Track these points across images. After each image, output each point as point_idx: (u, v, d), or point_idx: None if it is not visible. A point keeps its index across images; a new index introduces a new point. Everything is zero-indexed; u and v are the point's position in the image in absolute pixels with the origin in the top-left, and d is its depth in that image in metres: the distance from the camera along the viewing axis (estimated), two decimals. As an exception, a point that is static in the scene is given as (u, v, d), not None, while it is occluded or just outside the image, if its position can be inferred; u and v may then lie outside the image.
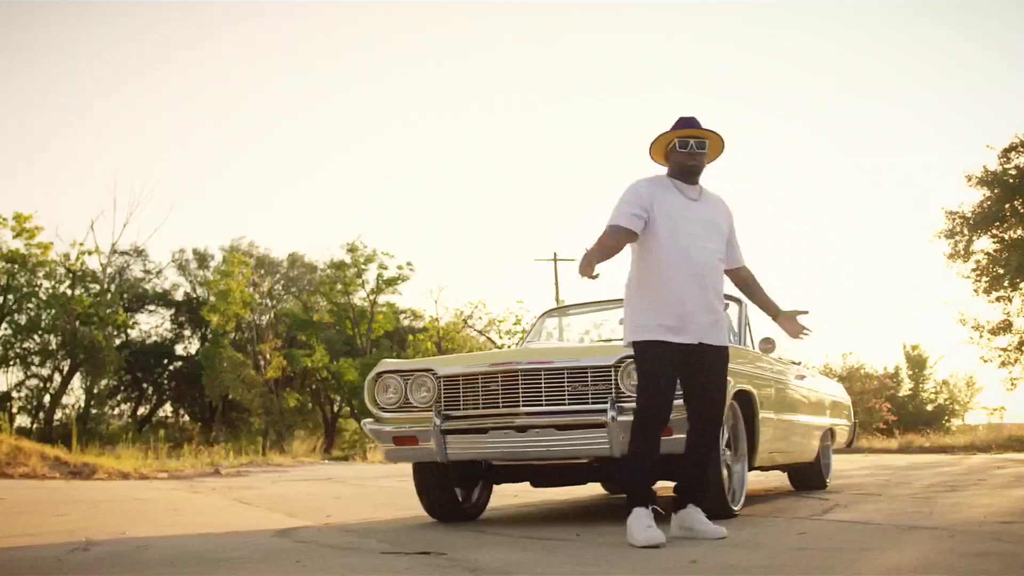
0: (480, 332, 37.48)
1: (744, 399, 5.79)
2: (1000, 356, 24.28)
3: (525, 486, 6.20)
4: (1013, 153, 21.67)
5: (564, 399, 5.26)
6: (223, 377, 34.36)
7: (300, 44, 49.56)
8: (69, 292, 33.42)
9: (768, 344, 6.80)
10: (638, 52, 50.05)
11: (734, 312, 6.76)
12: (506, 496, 8.28)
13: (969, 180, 22.41)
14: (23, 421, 34.00)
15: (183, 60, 48.15)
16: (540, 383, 5.29)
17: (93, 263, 34.85)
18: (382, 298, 39.43)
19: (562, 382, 5.27)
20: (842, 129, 53.51)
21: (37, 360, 34.84)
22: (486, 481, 6.24)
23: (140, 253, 40.03)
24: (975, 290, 23.03)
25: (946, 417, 34.75)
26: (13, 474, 13.53)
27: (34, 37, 42.74)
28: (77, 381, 35.34)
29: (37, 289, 33.66)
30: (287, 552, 4.26)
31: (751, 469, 6.07)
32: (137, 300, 40.83)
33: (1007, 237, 22.29)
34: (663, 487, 4.91)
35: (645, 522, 4.34)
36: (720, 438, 5.44)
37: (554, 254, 36.09)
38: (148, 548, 4.45)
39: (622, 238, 4.64)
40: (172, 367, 42.52)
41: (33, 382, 35.79)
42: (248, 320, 38.96)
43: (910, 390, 35.79)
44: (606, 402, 5.12)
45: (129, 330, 39.58)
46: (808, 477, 8.00)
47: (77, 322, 32.72)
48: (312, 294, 40.74)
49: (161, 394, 43.68)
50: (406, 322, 41.74)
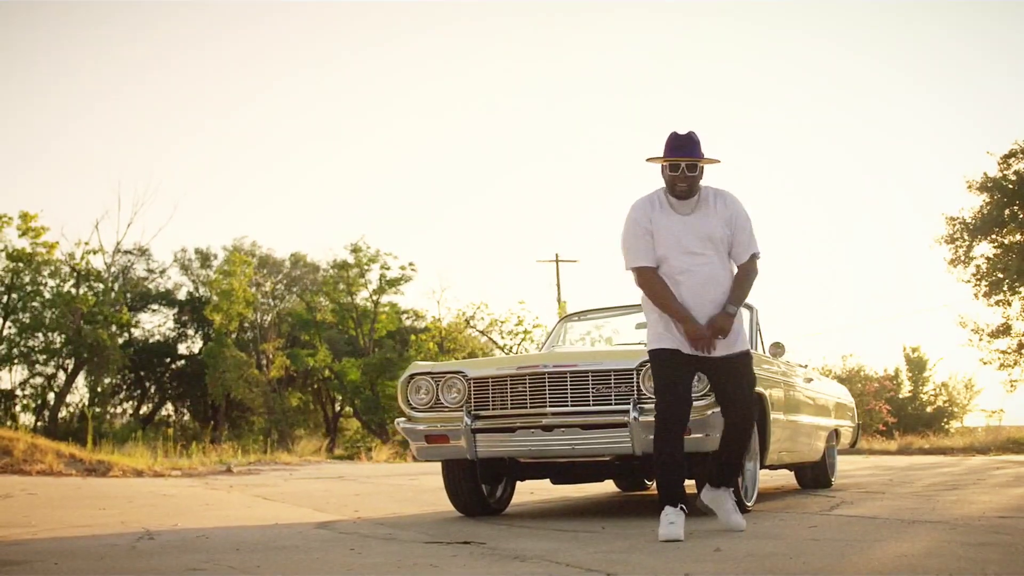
0: (482, 332, 37.70)
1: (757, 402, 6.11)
2: (999, 359, 24.66)
3: (539, 484, 6.50)
4: (1013, 159, 22.07)
5: (588, 400, 5.58)
6: (226, 376, 34.62)
7: (303, 44, 49.89)
8: (73, 291, 33.69)
9: (777, 348, 7.13)
10: (639, 52, 50.40)
11: (746, 317, 7.07)
12: (523, 493, 8.59)
13: (969, 186, 22.83)
14: (27, 419, 34.27)
15: (186, 60, 48.48)
16: (566, 385, 5.62)
17: (97, 262, 35.15)
18: (385, 298, 39.73)
19: (586, 384, 5.60)
20: (844, 132, 53.81)
21: (42, 358, 35.10)
22: (510, 478, 6.56)
23: (144, 252, 40.28)
24: (975, 294, 23.43)
25: (945, 419, 35.05)
26: (31, 471, 13.81)
27: (38, 37, 43.02)
28: (81, 380, 35.62)
29: (42, 288, 33.94)
30: (338, 541, 4.58)
31: (762, 468, 6.40)
32: (140, 299, 41.08)
33: (1007, 242, 22.67)
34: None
35: (669, 519, 4.55)
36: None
37: (556, 255, 36.38)
38: (208, 537, 4.77)
39: (657, 277, 4.85)
40: (175, 366, 42.78)
41: (37, 380, 36.07)
42: (251, 320, 39.25)
43: (910, 392, 36.08)
44: (628, 403, 5.45)
45: (132, 329, 39.85)
46: (814, 476, 8.33)
47: (81, 321, 32.98)
48: (315, 294, 41.01)
49: (163, 393, 43.94)
50: (408, 322, 42.00)
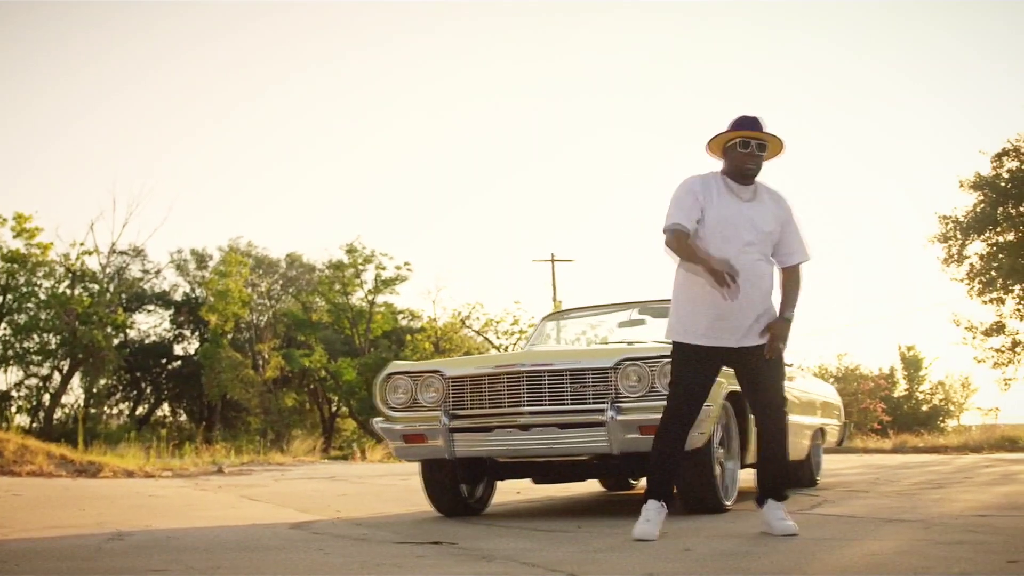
0: (478, 332, 37.68)
1: (736, 400, 6.07)
2: (993, 357, 24.63)
3: (526, 484, 6.48)
4: (1006, 158, 22.03)
5: (566, 399, 5.56)
6: (222, 377, 34.61)
7: (298, 45, 49.89)
8: (69, 292, 33.63)
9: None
10: (635, 53, 50.40)
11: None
12: (508, 493, 8.57)
13: (962, 185, 22.80)
14: (23, 420, 34.19)
15: (182, 61, 48.47)
16: (543, 384, 5.59)
17: (92, 263, 35.09)
18: (380, 298, 39.70)
19: (563, 383, 5.57)
20: (840, 131, 53.88)
21: (37, 359, 35.05)
22: (490, 478, 6.53)
23: (139, 253, 40.23)
24: (969, 293, 23.39)
25: (941, 418, 35.08)
26: (20, 472, 13.75)
27: (34, 37, 42.98)
28: (76, 381, 35.57)
29: (37, 289, 33.87)
30: (308, 541, 4.55)
31: (743, 467, 6.36)
32: (136, 300, 41.05)
33: (1001, 240, 22.63)
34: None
35: (646, 516, 4.49)
36: (715, 436, 5.76)
37: (551, 255, 36.36)
38: (178, 538, 4.74)
39: (690, 239, 4.64)
40: (171, 367, 42.75)
41: (32, 381, 36.03)
42: (247, 320, 39.23)
43: (905, 391, 36.14)
44: (605, 402, 5.42)
45: (128, 330, 39.80)
46: (798, 474, 8.29)
47: (76, 322, 32.93)
48: (311, 294, 41.00)
49: (159, 394, 43.90)
50: (404, 322, 42.00)
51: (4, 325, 33.66)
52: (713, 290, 4.59)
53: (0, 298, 33.19)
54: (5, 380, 35.20)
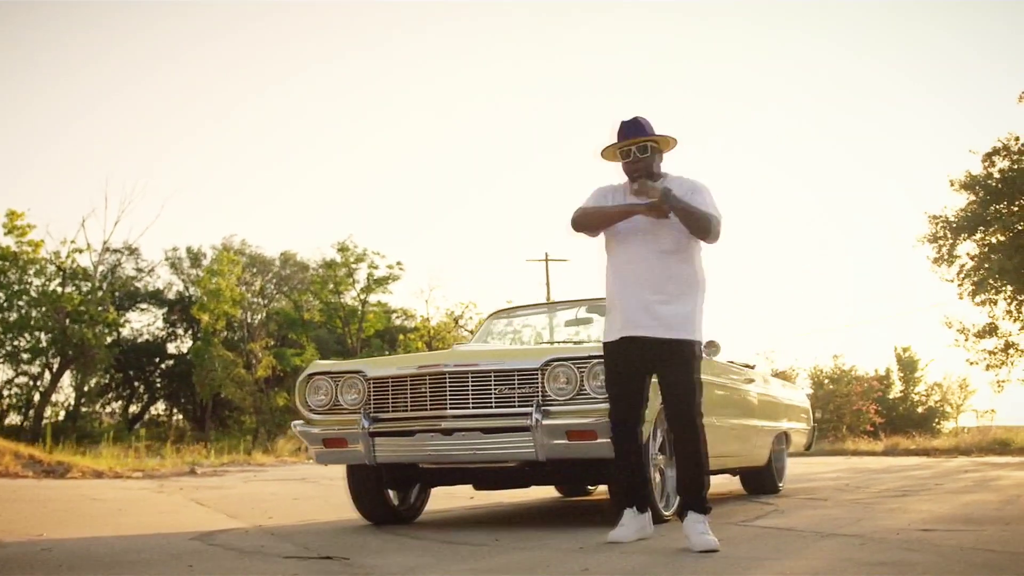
0: (471, 332, 37.40)
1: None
2: (986, 359, 24.21)
3: (469, 489, 6.16)
4: (996, 157, 21.57)
5: (491, 402, 5.22)
6: (213, 376, 34.31)
7: (292, 44, 49.56)
8: (59, 290, 33.34)
9: (712, 347, 6.74)
10: (631, 52, 49.98)
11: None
12: (461, 498, 8.24)
13: (953, 184, 22.36)
14: (14, 419, 33.94)
15: (176, 59, 48.17)
16: (467, 386, 5.25)
17: (84, 261, 34.80)
18: (373, 297, 39.40)
19: (489, 385, 5.23)
20: (836, 131, 53.45)
21: (27, 358, 34.75)
22: (422, 484, 6.19)
23: (133, 251, 39.95)
24: (959, 294, 22.97)
25: (937, 419, 34.66)
26: (-16, 472, 13.46)
27: (25, 35, 42.72)
28: (67, 379, 35.30)
29: (28, 286, 33.58)
30: (188, 555, 4.22)
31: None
32: (129, 298, 40.76)
33: (994, 241, 22.17)
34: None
35: (621, 521, 4.49)
36: (655, 440, 5.42)
37: (545, 254, 36.05)
38: (54, 550, 4.41)
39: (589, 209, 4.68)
40: (164, 365, 42.45)
41: (22, 379, 35.73)
42: (239, 319, 38.94)
43: (901, 392, 35.71)
44: (531, 405, 5.08)
45: (121, 328, 39.48)
46: (760, 481, 7.95)
47: (67, 320, 32.63)
48: (303, 293, 40.71)
49: (153, 392, 43.61)
50: (398, 322, 41.71)
51: (-1, 323, 33.34)
52: (617, 293, 4.56)
53: (-9, 296, 32.90)
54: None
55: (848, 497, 7.30)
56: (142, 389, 43.35)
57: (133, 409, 42.84)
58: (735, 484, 8.78)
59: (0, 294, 32.96)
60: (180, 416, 43.54)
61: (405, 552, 4.32)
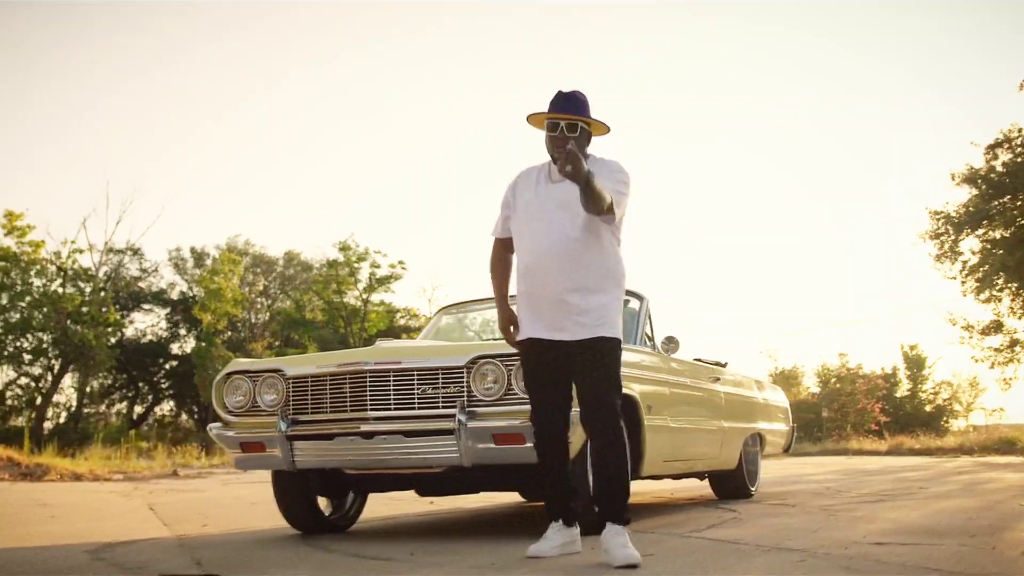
0: (476, 333, 37.02)
1: (626, 404, 5.32)
2: (991, 357, 23.62)
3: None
4: (999, 149, 20.89)
5: (414, 403, 4.82)
6: (215, 376, 34.02)
7: (294, 43, 49.19)
8: (60, 290, 33.12)
9: (670, 343, 6.32)
10: (632, 51, 49.33)
11: (632, 308, 6.27)
12: (421, 503, 7.86)
13: (954, 178, 21.69)
14: (20, 421, 33.71)
15: (177, 58, 47.87)
16: (389, 385, 4.86)
17: (86, 261, 34.60)
18: (375, 296, 39.07)
19: (412, 384, 4.83)
20: (833, 125, 52.73)
21: (29, 359, 34.55)
22: (355, 490, 5.80)
23: (136, 252, 39.67)
24: (963, 292, 22.34)
25: (945, 418, 34.04)
26: (-41, 475, 13.20)
27: (26, 35, 42.52)
28: (68, 380, 35.10)
29: (29, 287, 33.36)
30: (64, 571, 3.86)
31: (638, 479, 5.60)
32: (132, 299, 40.51)
33: (997, 236, 21.54)
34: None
35: (545, 534, 4.16)
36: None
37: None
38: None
39: (496, 252, 4.47)
40: (168, 366, 42.16)
41: (24, 380, 35.52)
42: (242, 319, 38.67)
43: (908, 391, 35.09)
44: (456, 406, 4.67)
45: (124, 329, 39.24)
46: (730, 484, 7.51)
47: (68, 321, 32.41)
48: (305, 292, 40.42)
49: (158, 393, 43.35)
50: (401, 321, 41.32)
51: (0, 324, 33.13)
52: (524, 285, 4.20)
53: (-6, 296, 32.72)
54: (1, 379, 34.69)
55: (820, 503, 6.86)
56: (146, 390, 43.09)
57: (138, 410, 42.59)
58: (704, 488, 8.37)
59: (3, 295, 32.76)
60: (186, 416, 43.28)
61: (290, 568, 3.93)
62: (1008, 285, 21.49)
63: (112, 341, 35.65)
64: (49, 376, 34.89)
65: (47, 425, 33.53)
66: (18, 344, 33.82)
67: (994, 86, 47.91)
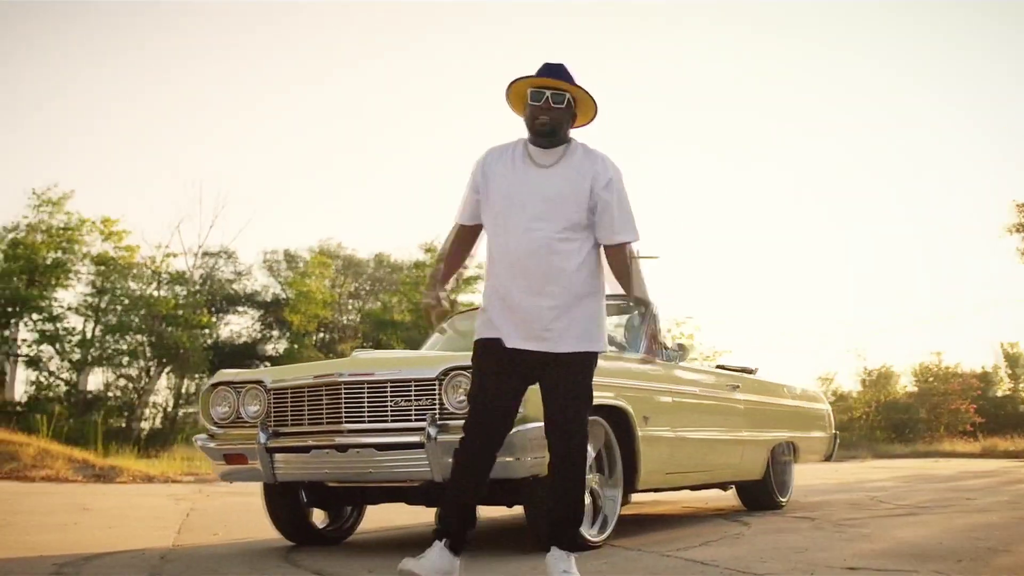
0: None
1: (617, 416, 5.16)
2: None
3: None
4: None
5: (387, 416, 4.73)
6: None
7: (389, 48, 49.57)
8: (155, 294, 34.06)
9: (681, 350, 6.14)
10: (628, 52, 48.24)
11: (637, 317, 6.08)
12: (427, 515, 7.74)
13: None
14: (118, 422, 34.70)
15: (269, 63, 48.72)
16: (363, 397, 4.78)
17: (180, 265, 35.50)
18: (462, 297, 39.18)
19: (385, 396, 4.74)
20: (921, 120, 50.92)
21: (125, 361, 35.55)
22: (345, 502, 5.74)
23: (230, 255, 40.53)
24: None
25: (1052, 418, 32.62)
26: (34, 477, 13.57)
27: (120, 42, 43.77)
28: (163, 382, 36.04)
29: (126, 291, 34.38)
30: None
31: (636, 492, 5.42)
32: (227, 301, 41.39)
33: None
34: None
35: (426, 553, 3.70)
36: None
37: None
38: None
39: (457, 238, 4.05)
40: (260, 367, 42.96)
41: (122, 383, 36.56)
42: (332, 320, 39.21)
43: (1009, 390, 33.78)
44: (427, 420, 4.57)
45: (218, 331, 40.11)
46: (756, 494, 7.25)
47: (163, 323, 33.30)
48: (393, 294, 40.80)
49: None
50: (487, 321, 41.37)
51: (100, 327, 34.20)
52: (496, 285, 3.84)
53: (95, 300, 33.75)
54: (100, 380, 35.77)
55: (842, 516, 6.55)
56: (241, 391, 43.97)
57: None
58: (725, 500, 8.10)
59: (104, 298, 33.80)
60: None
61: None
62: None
63: (207, 343, 36.52)
64: (145, 377, 35.89)
65: (144, 425, 34.48)
66: (117, 346, 34.82)
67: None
